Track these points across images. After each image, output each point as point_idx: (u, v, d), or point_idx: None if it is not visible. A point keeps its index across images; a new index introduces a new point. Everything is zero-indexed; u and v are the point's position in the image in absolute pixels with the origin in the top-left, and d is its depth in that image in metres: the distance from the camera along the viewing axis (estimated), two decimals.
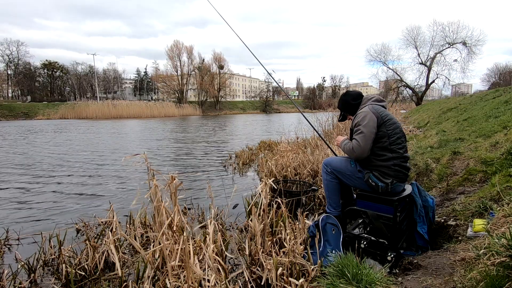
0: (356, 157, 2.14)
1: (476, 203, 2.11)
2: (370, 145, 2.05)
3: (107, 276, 2.10)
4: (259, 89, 66.56)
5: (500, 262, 1.18)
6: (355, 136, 2.10)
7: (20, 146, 9.93)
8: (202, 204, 3.58)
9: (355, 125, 2.13)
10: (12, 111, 35.23)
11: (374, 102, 2.20)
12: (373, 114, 2.06)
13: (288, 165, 4.43)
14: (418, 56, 27.19)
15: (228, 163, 6.47)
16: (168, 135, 13.75)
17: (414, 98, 28.04)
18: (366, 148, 2.04)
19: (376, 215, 2.03)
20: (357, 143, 2.06)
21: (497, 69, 52.06)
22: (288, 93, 77.85)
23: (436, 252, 1.84)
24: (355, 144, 2.07)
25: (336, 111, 10.63)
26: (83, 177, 5.37)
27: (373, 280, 1.44)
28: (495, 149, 3.02)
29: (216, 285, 1.66)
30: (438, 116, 9.72)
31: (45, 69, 56.08)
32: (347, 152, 2.19)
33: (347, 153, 2.20)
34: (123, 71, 71.65)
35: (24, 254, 2.43)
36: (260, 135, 12.80)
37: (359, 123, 2.09)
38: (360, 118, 2.10)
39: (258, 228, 1.94)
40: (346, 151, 2.20)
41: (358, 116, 2.15)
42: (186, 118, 35.35)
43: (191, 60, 52.92)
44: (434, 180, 3.10)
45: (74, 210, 3.68)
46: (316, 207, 3.36)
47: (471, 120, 5.74)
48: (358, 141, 2.05)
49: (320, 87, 75.59)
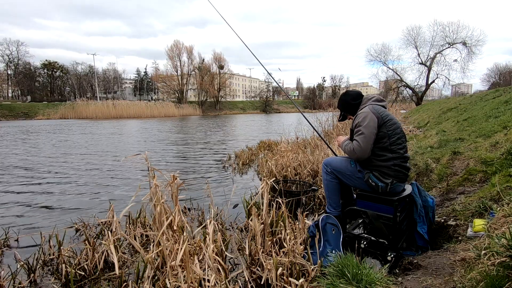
0: (357, 158, 2.14)
1: (476, 203, 2.11)
2: (371, 146, 2.04)
3: (106, 276, 2.10)
4: (259, 89, 66.66)
5: (500, 262, 1.18)
6: (356, 137, 2.09)
7: (20, 146, 9.93)
8: (202, 204, 3.58)
9: (356, 126, 2.13)
10: (12, 111, 35.23)
11: (374, 102, 2.20)
12: (373, 114, 2.06)
13: (288, 165, 4.43)
14: (418, 56, 27.23)
15: (228, 163, 6.47)
16: (167, 135, 13.75)
17: (414, 98, 28.05)
18: (367, 149, 2.04)
19: (376, 215, 2.03)
20: (357, 144, 2.05)
21: (497, 69, 52.10)
22: (288, 93, 77.91)
23: (436, 252, 1.84)
24: (356, 145, 2.06)
25: (336, 111, 10.64)
26: (83, 177, 5.37)
27: (373, 280, 1.44)
28: (495, 149, 3.02)
29: (216, 285, 1.65)
30: (438, 116, 9.72)
31: (45, 69, 56.07)
32: (348, 153, 2.18)
33: (348, 154, 2.20)
34: (123, 71, 71.74)
35: (23, 254, 2.43)
36: (260, 135, 12.80)
37: (359, 123, 2.09)
38: (360, 119, 2.10)
39: (258, 228, 1.94)
40: (347, 152, 2.19)
41: (358, 116, 2.14)
42: (186, 118, 35.36)
43: (191, 60, 53.04)
44: (434, 180, 3.09)
45: (74, 210, 3.68)
46: (316, 207, 3.36)
47: (471, 120, 5.74)
48: (358, 142, 2.05)
49: (320, 87, 75.65)
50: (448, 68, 26.25)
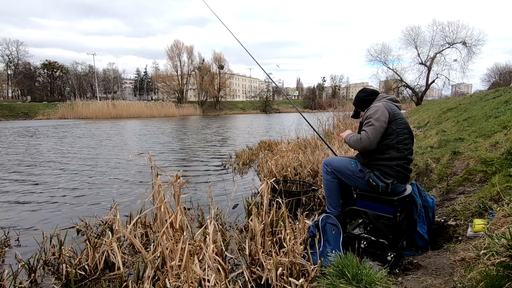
0: (363, 148, 2.07)
1: (476, 203, 2.11)
2: (378, 139, 2.01)
3: (107, 276, 2.10)
4: (259, 89, 66.68)
5: (500, 262, 1.18)
6: (365, 127, 2.05)
7: (21, 146, 9.93)
8: (202, 204, 3.58)
9: (366, 118, 2.10)
10: (12, 111, 35.23)
11: (389, 101, 2.18)
12: (385, 109, 2.04)
13: (288, 165, 4.43)
14: (418, 56, 27.18)
15: (228, 163, 6.47)
16: (167, 136, 13.75)
17: (414, 98, 28.03)
18: (375, 140, 2.00)
19: (376, 215, 2.03)
20: (366, 134, 2.01)
21: (497, 69, 51.99)
22: (288, 93, 77.93)
23: (436, 252, 1.84)
24: (364, 135, 2.02)
25: (336, 111, 10.65)
26: (83, 178, 5.37)
27: (373, 280, 1.44)
28: (495, 149, 3.02)
29: (216, 285, 1.66)
30: (438, 116, 9.72)
31: (45, 69, 56.05)
32: (354, 143, 2.12)
33: (353, 144, 2.14)
34: (123, 71, 71.77)
35: (24, 254, 2.43)
36: (260, 135, 12.80)
37: (370, 115, 2.06)
38: (372, 111, 2.07)
39: (258, 228, 1.94)
40: (352, 142, 2.14)
41: (370, 109, 2.12)
42: (186, 118, 35.36)
43: (191, 60, 53.10)
44: (434, 180, 3.10)
45: (75, 210, 3.68)
46: (316, 207, 3.36)
47: (471, 120, 5.74)
48: (367, 133, 2.01)
49: (320, 87, 75.68)
50: (448, 68, 26.22)
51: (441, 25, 25.48)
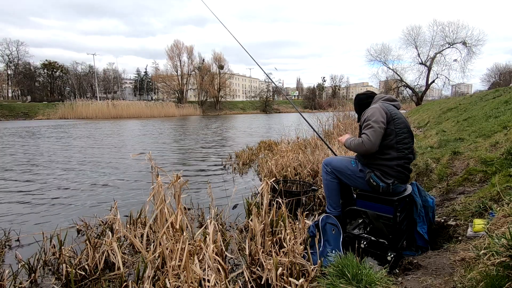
0: (365, 151, 2.06)
1: (476, 203, 2.11)
2: (379, 140, 2.01)
3: (107, 276, 2.10)
4: (259, 89, 66.70)
5: (500, 262, 1.18)
6: (365, 130, 2.05)
7: (21, 146, 9.93)
8: (202, 204, 3.58)
9: (364, 121, 2.10)
10: (12, 111, 35.22)
11: (385, 101, 2.19)
12: (382, 110, 2.05)
13: (288, 165, 4.43)
14: (418, 56, 27.21)
15: (228, 163, 6.47)
16: (167, 136, 13.75)
17: (414, 98, 28.05)
18: (376, 142, 2.00)
19: (376, 215, 2.03)
20: (367, 137, 2.01)
21: (497, 69, 52.03)
22: (288, 93, 77.93)
23: (436, 252, 1.84)
24: (365, 138, 2.01)
25: (336, 111, 10.65)
26: (83, 177, 5.37)
27: (373, 280, 1.44)
28: (495, 149, 3.02)
29: (216, 285, 1.66)
30: (438, 116, 9.72)
31: (45, 69, 56.06)
32: (355, 147, 2.12)
33: (354, 148, 2.13)
34: (123, 71, 71.79)
35: (24, 254, 2.43)
36: (260, 135, 12.80)
37: (368, 118, 2.06)
38: (369, 114, 2.08)
39: (258, 228, 1.94)
40: (353, 146, 2.13)
41: (367, 112, 2.13)
42: (186, 118, 35.36)
43: (191, 60, 53.12)
44: (434, 180, 3.10)
45: (75, 210, 3.68)
46: (316, 207, 3.36)
47: (471, 120, 5.74)
48: (368, 135, 2.01)
49: (320, 87, 75.73)
50: (448, 68, 26.26)
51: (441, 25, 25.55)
